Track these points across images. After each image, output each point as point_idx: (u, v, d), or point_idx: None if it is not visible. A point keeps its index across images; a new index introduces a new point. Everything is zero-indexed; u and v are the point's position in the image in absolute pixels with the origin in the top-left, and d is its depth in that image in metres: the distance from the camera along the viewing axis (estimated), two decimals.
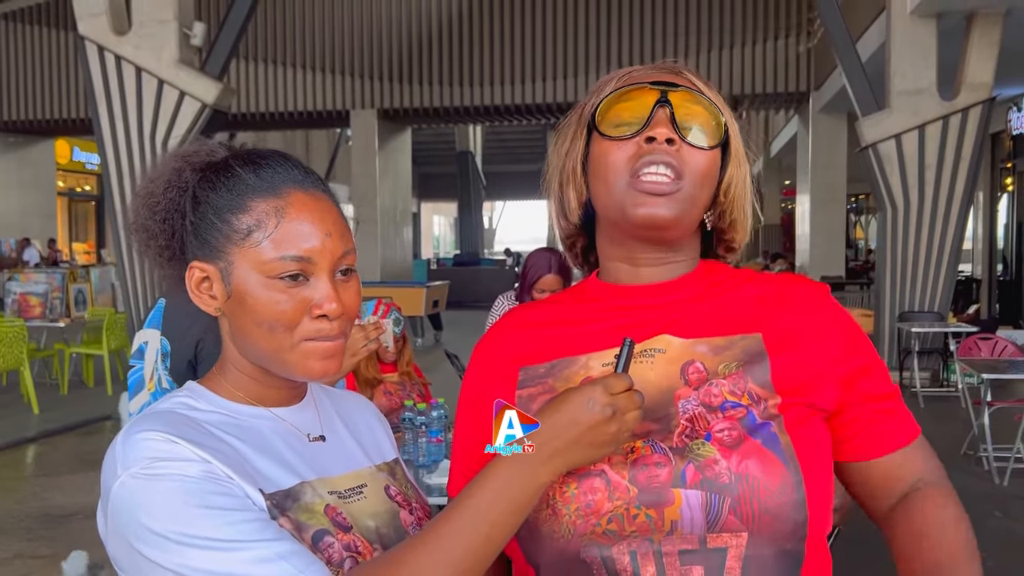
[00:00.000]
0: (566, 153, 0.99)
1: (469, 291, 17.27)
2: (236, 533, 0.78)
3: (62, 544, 3.84)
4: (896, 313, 8.30)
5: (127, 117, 9.61)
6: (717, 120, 0.93)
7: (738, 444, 0.84)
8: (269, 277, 0.86)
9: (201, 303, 0.92)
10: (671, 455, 0.84)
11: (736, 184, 0.95)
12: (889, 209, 8.19)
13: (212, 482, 0.81)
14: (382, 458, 1.03)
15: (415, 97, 14.69)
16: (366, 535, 0.90)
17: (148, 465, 0.80)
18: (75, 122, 15.46)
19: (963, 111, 7.91)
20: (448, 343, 11.68)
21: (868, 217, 23.28)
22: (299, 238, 0.87)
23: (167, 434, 0.83)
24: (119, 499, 0.80)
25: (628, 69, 0.98)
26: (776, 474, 0.82)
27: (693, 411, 0.86)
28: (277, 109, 15.00)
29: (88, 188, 21.81)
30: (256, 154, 0.93)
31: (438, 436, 2.96)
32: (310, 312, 0.87)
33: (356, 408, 1.08)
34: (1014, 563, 3.89)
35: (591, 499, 0.83)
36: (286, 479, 0.88)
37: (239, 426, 0.90)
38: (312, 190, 0.91)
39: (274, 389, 0.94)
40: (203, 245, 0.90)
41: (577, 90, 14.02)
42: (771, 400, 0.87)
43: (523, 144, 30.53)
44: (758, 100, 14.24)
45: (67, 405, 7.73)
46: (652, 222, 0.90)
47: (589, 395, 0.79)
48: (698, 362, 0.90)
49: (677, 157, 0.89)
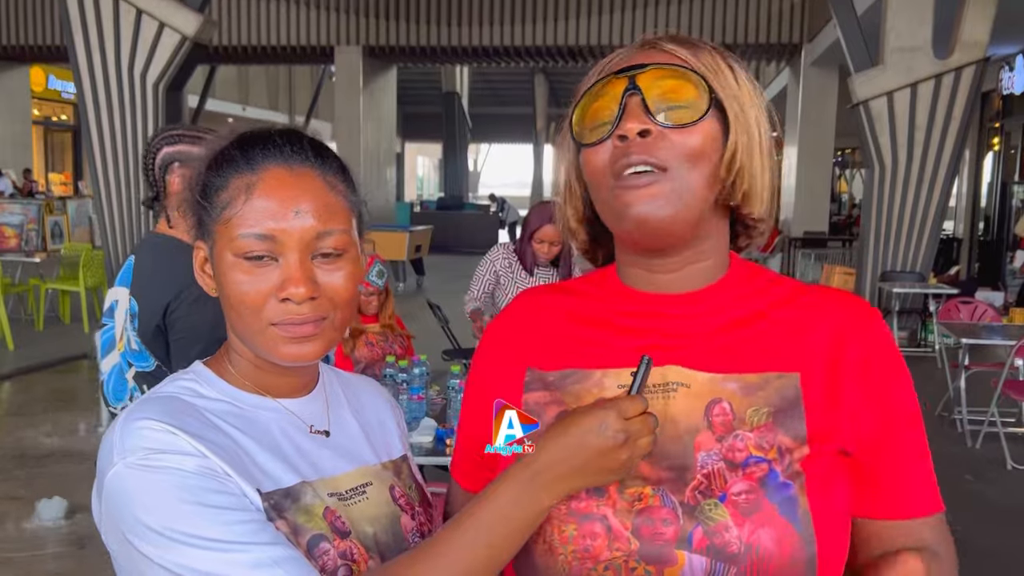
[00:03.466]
0: (563, 168, 0.91)
1: (452, 236, 17.19)
2: (231, 534, 0.76)
3: (38, 486, 3.82)
4: (878, 272, 8.33)
5: (104, 48, 9.34)
6: (700, 87, 0.81)
7: (753, 511, 0.77)
8: (236, 256, 0.83)
9: (203, 283, 0.90)
10: (680, 513, 0.78)
11: (741, 152, 0.82)
12: (877, 168, 8.15)
13: (209, 478, 0.78)
14: (389, 455, 0.99)
15: (401, 35, 14.38)
16: (363, 541, 0.88)
17: (145, 456, 0.78)
18: (50, 49, 15.03)
19: (956, 70, 7.83)
20: (430, 288, 11.65)
21: (853, 172, 23.28)
22: (264, 215, 0.82)
23: (167, 424, 0.80)
24: (113, 488, 0.78)
25: (608, 58, 0.88)
26: (788, 546, 0.76)
27: (713, 466, 0.79)
28: (260, 43, 14.65)
29: (65, 117, 21.33)
30: (257, 133, 0.89)
31: (419, 393, 2.93)
32: (276, 294, 0.83)
33: (370, 399, 1.04)
34: (984, 525, 3.97)
35: (589, 544, 0.78)
36: (287, 477, 0.85)
37: (243, 417, 0.88)
38: (297, 166, 0.85)
39: (277, 376, 0.91)
40: (201, 225, 0.88)
41: (567, 34, 13.78)
42: (798, 452, 0.79)
43: (510, 86, 30.13)
44: (749, 50, 14.04)
45: (43, 342, 7.65)
46: (646, 225, 0.80)
47: (602, 419, 0.75)
48: (725, 402, 0.81)
49: (655, 148, 0.79)
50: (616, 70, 0.83)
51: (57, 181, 20.83)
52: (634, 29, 13.58)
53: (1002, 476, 4.74)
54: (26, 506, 3.85)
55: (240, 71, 23.76)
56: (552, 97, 30.19)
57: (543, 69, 26.00)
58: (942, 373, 6.34)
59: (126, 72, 9.36)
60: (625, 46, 0.88)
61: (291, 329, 0.83)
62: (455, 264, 14.38)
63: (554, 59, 15.72)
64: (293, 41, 14.60)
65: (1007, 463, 4.83)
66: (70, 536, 3.64)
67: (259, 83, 25.76)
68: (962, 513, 4.09)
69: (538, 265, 3.77)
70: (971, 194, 13.07)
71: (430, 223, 15.24)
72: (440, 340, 5.57)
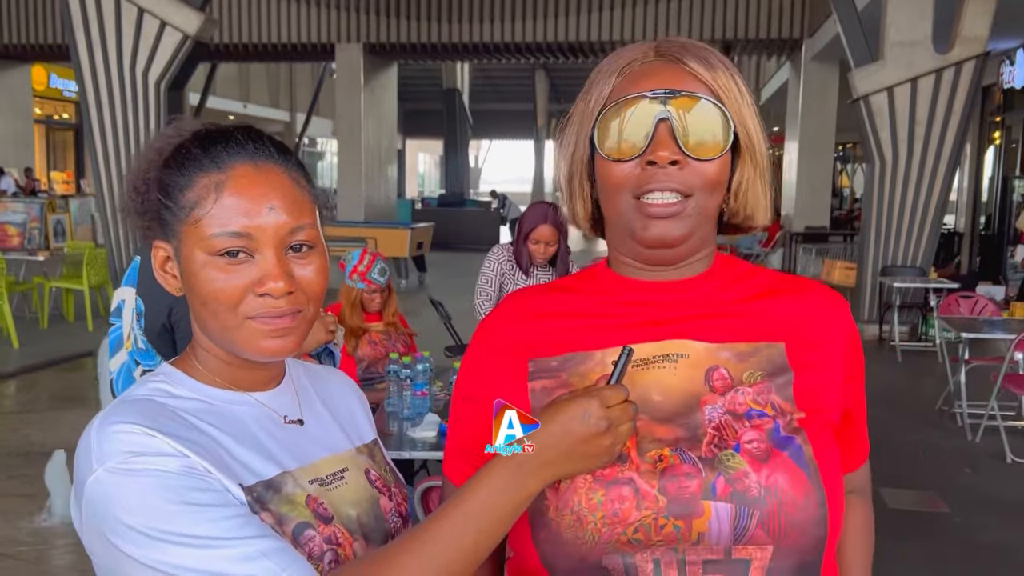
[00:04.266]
0: (571, 160, 0.94)
1: (454, 233, 17.19)
2: (217, 530, 0.77)
3: (43, 483, 3.84)
4: (879, 267, 8.35)
5: (106, 46, 9.37)
6: (725, 121, 0.87)
7: (767, 457, 0.83)
8: (209, 255, 0.84)
9: (165, 283, 0.91)
10: (701, 466, 0.83)
11: (747, 181, 0.91)
12: (877, 163, 8.17)
13: (191, 477, 0.79)
14: (361, 440, 1.02)
15: (402, 32, 14.40)
16: (347, 525, 0.90)
17: (125, 460, 0.78)
18: (52, 48, 15.06)
19: (956, 65, 7.84)
20: (432, 285, 11.68)
21: (854, 166, 23.27)
22: (237, 213, 0.84)
23: (144, 427, 0.80)
24: (94, 494, 0.79)
25: (626, 58, 0.90)
26: (802, 489, 0.82)
27: (720, 419, 0.85)
28: (261, 40, 14.67)
29: (66, 116, 21.36)
30: (217, 130, 0.89)
31: (423, 389, 2.96)
32: (254, 290, 0.84)
33: (337, 388, 1.06)
34: (984, 518, 3.99)
35: (618, 508, 0.82)
36: (267, 468, 0.87)
37: (217, 413, 0.88)
38: (263, 162, 0.87)
39: (247, 371, 0.92)
40: (162, 225, 0.88)
41: (568, 30, 13.79)
42: (795, 414, 0.86)
43: (511, 83, 30.13)
44: (750, 45, 14.06)
45: (47, 340, 7.69)
46: (663, 242, 0.88)
47: (584, 407, 0.78)
48: (722, 368, 0.88)
49: (682, 177, 0.86)
50: (646, 92, 0.86)
51: (59, 180, 20.86)
52: (634, 25, 13.58)
53: (1002, 469, 4.76)
54: (30, 503, 3.88)
55: (241, 69, 23.77)
56: (553, 93, 30.19)
57: (544, 65, 26.00)
58: (942, 367, 6.35)
59: (128, 71, 9.38)
60: (637, 43, 0.91)
61: (270, 322, 0.85)
62: (457, 261, 14.40)
63: (555, 55, 15.73)
64: (294, 39, 14.62)
65: (1007, 456, 4.85)
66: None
67: (260, 80, 25.77)
68: (962, 506, 4.12)
69: (534, 265, 3.76)
70: (972, 188, 13.07)
71: (431, 220, 15.25)
72: (442, 337, 5.59)
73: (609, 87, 0.90)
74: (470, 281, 3.96)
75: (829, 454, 0.87)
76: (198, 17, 9.24)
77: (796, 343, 0.90)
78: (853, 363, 0.95)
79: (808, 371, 0.89)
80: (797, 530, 0.81)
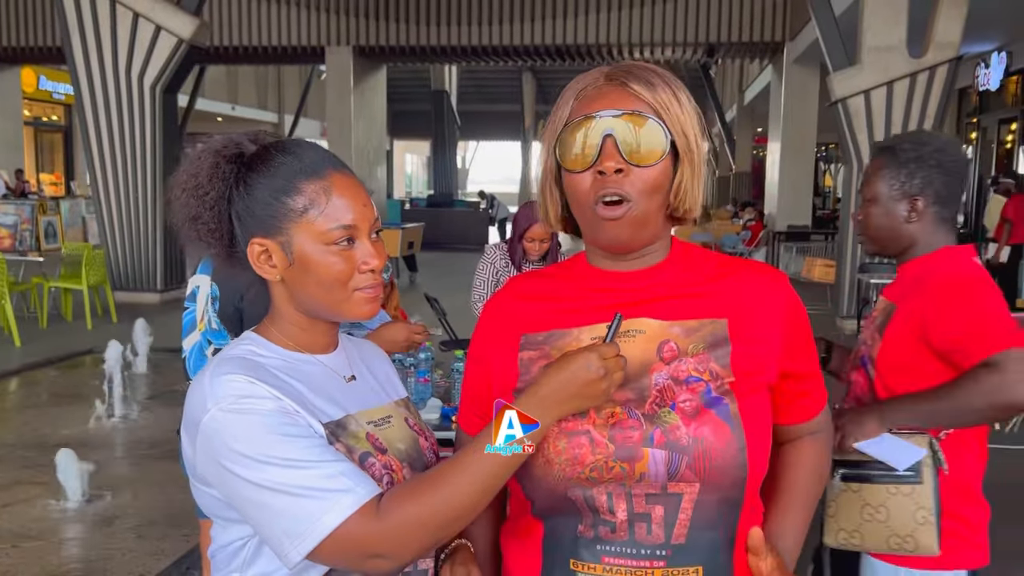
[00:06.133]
0: (543, 168, 1.15)
1: (443, 233, 17.38)
2: (306, 455, 0.99)
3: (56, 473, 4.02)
4: (857, 264, 8.61)
5: (101, 50, 9.51)
6: (660, 132, 1.05)
7: (696, 413, 1.03)
8: (326, 244, 1.07)
9: (263, 271, 1.11)
10: (643, 420, 1.04)
11: (685, 182, 1.08)
12: (855, 164, 8.43)
13: (284, 415, 1.02)
14: (398, 395, 1.26)
15: (391, 35, 14.57)
16: (398, 456, 1.13)
17: (235, 401, 1.01)
18: (42, 50, 15.15)
19: (930, 69, 8.11)
20: (423, 284, 11.86)
21: (837, 166, 23.59)
22: (345, 210, 1.08)
23: (247, 376, 1.03)
24: (210, 428, 1.01)
25: (582, 83, 1.10)
26: (724, 439, 1.02)
27: (663, 383, 1.06)
28: (251, 43, 14.81)
29: (55, 118, 21.38)
30: (292, 143, 1.12)
31: (425, 376, 3.18)
32: (359, 268, 1.08)
33: (372, 353, 1.30)
34: None
35: (577, 452, 1.04)
36: (336, 412, 1.10)
37: (295, 369, 1.11)
38: (343, 170, 1.11)
39: (318, 335, 1.15)
40: (260, 224, 1.09)
41: (555, 33, 14.00)
42: (727, 379, 1.06)
43: (499, 84, 30.34)
44: (734, 48, 14.32)
45: (47, 339, 7.84)
46: (615, 244, 1.09)
47: (586, 358, 1.00)
48: (672, 341, 1.08)
49: (626, 183, 1.04)
50: (594, 112, 1.06)
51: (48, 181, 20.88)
52: (620, 29, 13.81)
53: None
54: (47, 491, 4.07)
55: (229, 70, 23.84)
56: (540, 95, 30.42)
57: (531, 67, 26.23)
58: None
59: (123, 75, 9.52)
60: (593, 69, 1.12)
61: (371, 291, 1.10)
62: (446, 260, 14.59)
63: (542, 58, 15.93)
64: (284, 42, 14.75)
65: None
66: (95, 518, 3.86)
67: (248, 82, 25.83)
68: None
69: (528, 261, 3.99)
70: None
71: (421, 220, 15.44)
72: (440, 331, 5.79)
73: (568, 109, 1.10)
74: (460, 280, 4.16)
75: (757, 410, 1.06)
76: (193, 22, 9.39)
77: (737, 318, 1.09)
78: (794, 331, 1.13)
79: (745, 342, 1.08)
80: (719, 471, 1.02)
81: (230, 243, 1.13)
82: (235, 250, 1.13)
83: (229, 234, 1.12)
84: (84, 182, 16.09)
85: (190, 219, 1.11)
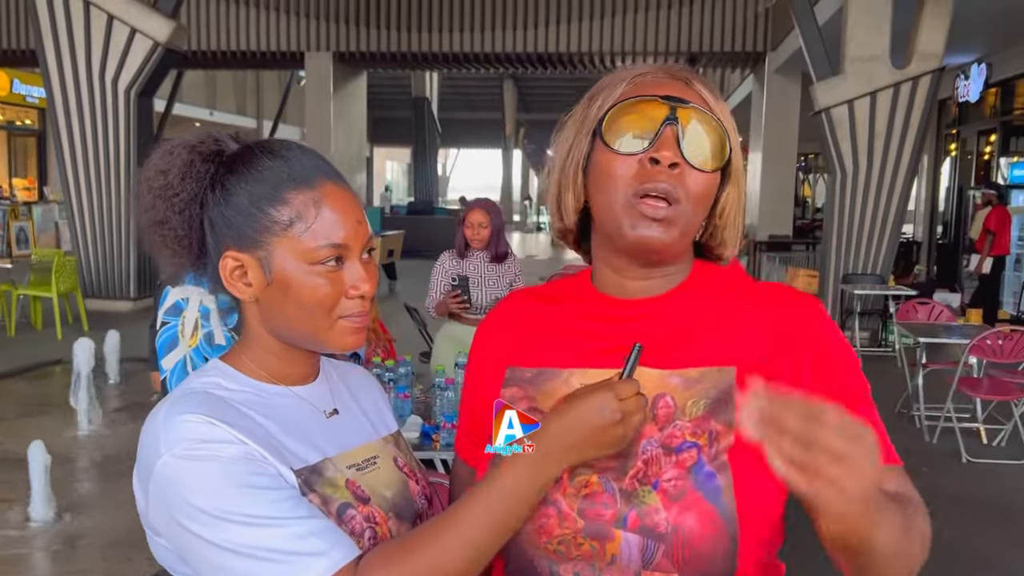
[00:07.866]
0: (567, 154, 0.98)
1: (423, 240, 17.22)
2: (274, 511, 0.85)
3: (24, 488, 3.86)
4: (840, 275, 8.58)
5: (75, 53, 9.32)
6: (723, 142, 0.92)
7: (681, 496, 0.87)
8: (311, 264, 0.92)
9: (235, 290, 0.96)
10: (618, 498, 0.89)
11: (731, 204, 0.96)
12: (838, 173, 8.41)
13: (249, 463, 0.87)
14: (387, 430, 1.10)
15: (372, 41, 14.43)
16: (382, 505, 0.98)
17: (190, 446, 0.86)
18: (15, 53, 14.84)
19: (913, 80, 8.11)
20: (403, 292, 11.73)
21: (816, 176, 23.71)
22: (336, 227, 0.93)
23: (207, 416, 0.88)
24: (162, 477, 0.86)
25: (638, 71, 0.96)
26: (711, 528, 0.86)
27: (652, 453, 0.89)
28: (229, 48, 14.61)
29: (29, 122, 21.01)
30: (280, 145, 0.97)
31: (405, 392, 3.06)
32: (346, 292, 0.94)
33: (362, 382, 1.15)
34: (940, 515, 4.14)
35: (544, 522, 0.90)
36: (311, 455, 0.95)
37: (266, 404, 0.96)
38: (338, 181, 0.97)
39: (294, 366, 1.00)
40: (237, 235, 0.94)
41: (536, 41, 13.93)
42: (727, 443, 0.88)
43: (480, 92, 30.23)
44: (715, 58, 14.31)
45: (15, 347, 7.62)
46: (645, 245, 0.92)
47: (600, 400, 0.85)
48: (669, 396, 0.92)
49: (678, 181, 0.90)
50: (659, 95, 0.92)
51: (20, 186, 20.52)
52: (602, 38, 13.76)
53: (957, 468, 4.95)
54: (14, 507, 3.90)
55: (207, 75, 23.59)
56: (521, 103, 30.35)
57: (512, 75, 26.16)
58: (901, 371, 6.56)
59: (97, 78, 9.33)
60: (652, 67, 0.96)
61: (356, 320, 0.95)
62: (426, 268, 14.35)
63: (523, 66, 15.85)
64: (263, 47, 14.58)
65: (962, 456, 5.05)
66: (60, 536, 3.70)
67: (226, 87, 25.58)
68: None
69: (470, 249, 3.98)
70: (930, 198, 13.44)
71: (401, 227, 15.29)
72: (417, 342, 5.68)
73: (619, 91, 0.95)
74: None
75: (760, 484, 0.87)
76: (169, 25, 9.23)
77: (749, 365, 0.91)
78: (827, 375, 0.93)
79: None
80: (703, 561, 0.86)
81: (199, 253, 0.98)
82: (203, 261, 0.98)
83: (199, 242, 0.97)
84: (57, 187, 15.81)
85: (156, 223, 0.96)
